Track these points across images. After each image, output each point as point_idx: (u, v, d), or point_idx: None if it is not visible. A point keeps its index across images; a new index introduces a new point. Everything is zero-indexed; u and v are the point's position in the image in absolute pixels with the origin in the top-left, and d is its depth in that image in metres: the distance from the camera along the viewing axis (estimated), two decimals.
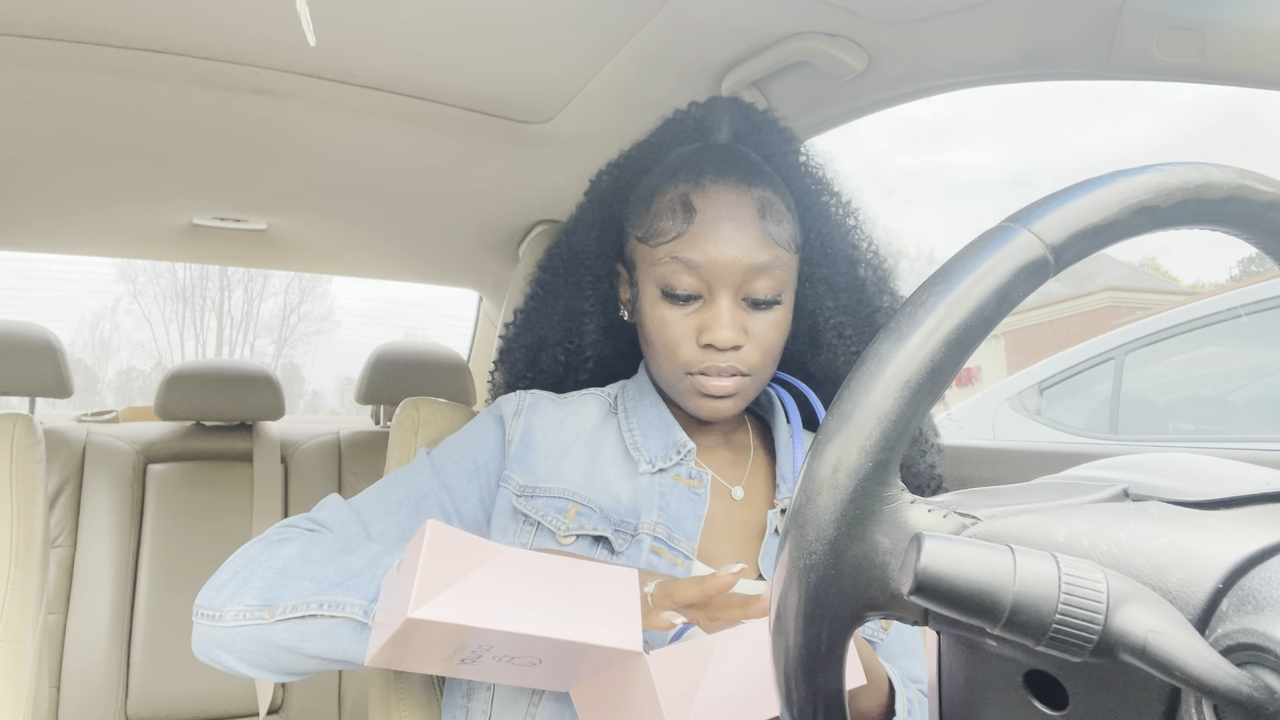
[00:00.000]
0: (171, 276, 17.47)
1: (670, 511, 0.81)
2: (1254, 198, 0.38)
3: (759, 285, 0.81)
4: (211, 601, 0.75)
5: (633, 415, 0.89)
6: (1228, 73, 0.74)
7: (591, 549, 0.80)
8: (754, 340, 0.82)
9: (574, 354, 0.96)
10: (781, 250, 0.82)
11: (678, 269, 0.81)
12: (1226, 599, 0.31)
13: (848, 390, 0.36)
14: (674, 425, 0.88)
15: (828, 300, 0.90)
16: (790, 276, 0.84)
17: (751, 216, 0.81)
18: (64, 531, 1.73)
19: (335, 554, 0.75)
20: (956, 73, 0.98)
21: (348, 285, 28.55)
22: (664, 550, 0.79)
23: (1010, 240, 0.36)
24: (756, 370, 0.83)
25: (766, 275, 0.81)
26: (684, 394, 0.84)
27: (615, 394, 0.94)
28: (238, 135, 1.28)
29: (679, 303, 0.82)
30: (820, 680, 0.35)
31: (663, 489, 0.83)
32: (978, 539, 0.33)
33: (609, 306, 0.95)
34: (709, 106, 0.92)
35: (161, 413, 1.92)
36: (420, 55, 1.08)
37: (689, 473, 0.85)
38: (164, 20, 0.97)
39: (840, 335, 0.90)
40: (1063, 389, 3.17)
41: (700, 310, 0.82)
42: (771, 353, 0.84)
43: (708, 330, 0.80)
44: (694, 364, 0.82)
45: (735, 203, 0.82)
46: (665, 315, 0.83)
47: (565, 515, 0.81)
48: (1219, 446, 1.16)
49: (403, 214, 1.70)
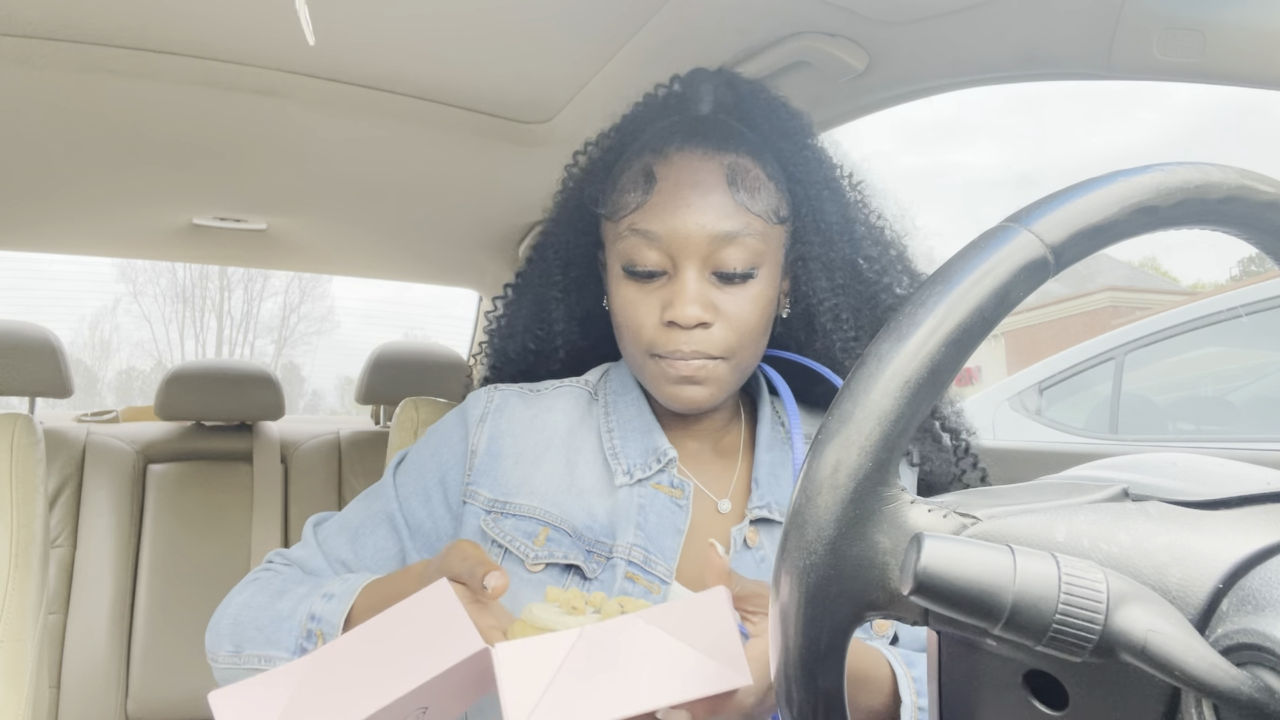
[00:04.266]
0: (171, 276, 17.48)
1: (648, 529, 0.75)
2: (1254, 198, 0.38)
3: (727, 257, 0.73)
4: (207, 646, 0.79)
5: (613, 411, 0.83)
6: (1228, 73, 0.74)
7: (562, 577, 0.75)
8: (725, 319, 0.74)
9: (543, 341, 0.91)
10: (755, 218, 0.74)
11: (638, 242, 0.75)
12: (1226, 599, 0.31)
13: (848, 390, 0.36)
14: (655, 428, 0.81)
15: (822, 280, 0.81)
16: (770, 249, 0.76)
17: (717, 182, 0.74)
18: (64, 531, 1.73)
19: (271, 599, 0.76)
20: (957, 73, 0.98)
21: (348, 285, 28.55)
22: (639, 576, 0.73)
23: (1010, 240, 0.36)
24: (732, 354, 0.75)
25: (736, 245, 0.73)
26: (653, 381, 0.77)
27: (596, 381, 0.87)
28: (238, 135, 1.28)
29: (642, 279, 0.75)
30: (820, 680, 0.35)
31: (642, 502, 0.77)
32: (978, 539, 0.33)
33: (585, 294, 0.89)
34: (690, 79, 0.85)
35: (161, 413, 1.92)
36: (420, 55, 1.08)
37: (671, 481, 0.79)
38: (164, 20, 0.97)
39: (836, 319, 0.82)
40: (1063, 389, 3.17)
41: (665, 287, 0.75)
42: (749, 334, 0.75)
43: (670, 307, 0.73)
44: (658, 345, 0.75)
45: (700, 169, 0.75)
46: (628, 294, 0.76)
47: (535, 541, 0.76)
48: (1219, 446, 1.16)
49: (403, 214, 1.70)
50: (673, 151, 0.76)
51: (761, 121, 0.83)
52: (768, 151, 0.80)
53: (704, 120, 0.81)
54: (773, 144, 0.82)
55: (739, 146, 0.77)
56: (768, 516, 0.79)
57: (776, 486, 0.81)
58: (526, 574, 0.75)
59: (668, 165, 0.76)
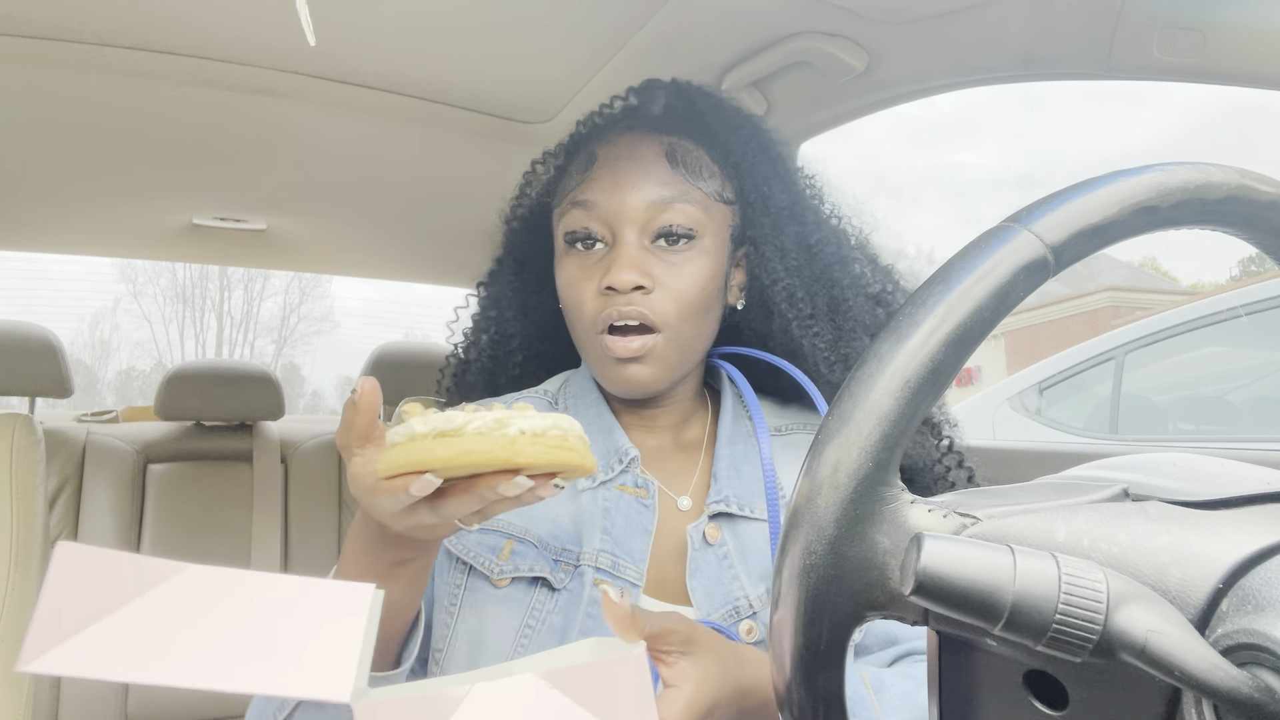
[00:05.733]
0: (171, 276, 17.51)
1: (615, 533, 0.74)
2: (1254, 198, 0.38)
3: (666, 218, 0.74)
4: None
5: (573, 413, 0.82)
6: (1228, 73, 0.74)
7: (529, 591, 0.73)
8: (663, 287, 0.74)
9: (499, 345, 0.90)
10: (694, 189, 0.76)
11: (578, 214, 0.76)
12: (1226, 599, 0.31)
13: (848, 390, 0.36)
14: (615, 428, 0.80)
15: (775, 262, 0.81)
16: (712, 223, 0.77)
17: (656, 156, 0.76)
18: (64, 531, 1.73)
19: None
20: (957, 73, 0.98)
21: (348, 285, 28.57)
22: (607, 582, 0.72)
23: (1010, 240, 0.36)
24: (669, 325, 0.74)
25: (673, 210, 0.74)
26: (598, 365, 0.77)
27: (556, 390, 0.87)
28: (238, 135, 1.28)
29: (582, 250, 0.76)
30: (820, 680, 0.35)
31: (607, 504, 0.75)
32: (978, 539, 0.33)
33: (542, 295, 0.88)
34: (644, 89, 0.85)
35: (161, 413, 1.92)
36: (420, 55, 1.08)
37: (635, 481, 0.77)
38: (164, 20, 0.97)
39: (791, 300, 0.80)
40: (1063, 389, 3.17)
41: (605, 257, 0.76)
42: (688, 306, 0.75)
43: (608, 275, 0.73)
44: (599, 316, 0.74)
45: (640, 144, 0.77)
46: (571, 272, 0.77)
47: (499, 555, 0.74)
48: (1219, 446, 1.16)
49: (403, 214, 1.70)
50: (616, 135, 0.78)
51: (712, 119, 0.84)
52: (714, 140, 0.81)
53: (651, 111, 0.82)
54: (720, 136, 0.82)
55: (681, 131, 0.79)
56: (726, 510, 0.77)
57: (737, 480, 0.79)
58: (493, 589, 0.73)
59: (609, 146, 0.78)
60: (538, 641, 0.71)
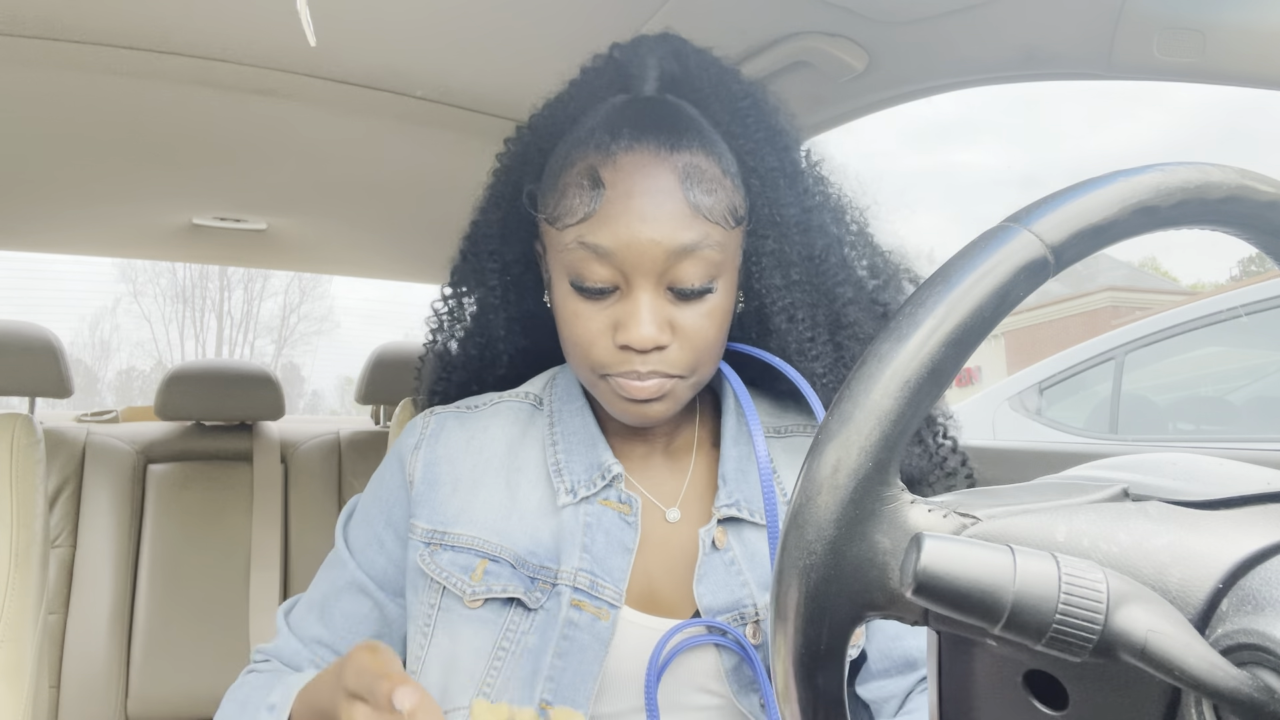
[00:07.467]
0: (171, 276, 17.51)
1: (595, 551, 0.71)
2: (1254, 198, 0.38)
3: (685, 272, 0.67)
4: None
5: (558, 422, 0.78)
6: (1228, 73, 0.74)
7: (503, 612, 0.70)
8: (682, 337, 0.69)
9: (485, 348, 0.85)
10: (713, 226, 0.68)
11: (586, 257, 0.67)
12: (1226, 599, 0.31)
13: (848, 390, 0.36)
14: (599, 441, 0.76)
15: (776, 278, 0.75)
16: (728, 257, 0.70)
17: (672, 187, 0.67)
18: (64, 531, 1.73)
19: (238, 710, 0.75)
20: (957, 72, 0.98)
21: (348, 285, 28.56)
22: (585, 603, 0.69)
23: (1010, 240, 0.36)
24: (692, 371, 0.70)
25: (694, 259, 0.67)
26: (604, 398, 0.72)
27: (540, 391, 0.82)
28: (238, 135, 1.28)
29: (591, 296, 0.69)
30: (820, 680, 0.35)
31: (588, 520, 0.72)
32: (978, 539, 0.33)
33: (524, 294, 0.83)
34: (633, 48, 0.77)
35: (161, 413, 1.92)
36: (420, 55, 1.08)
37: (619, 496, 0.74)
38: (164, 20, 0.97)
39: (791, 319, 0.75)
40: (1063, 389, 3.18)
41: (616, 303, 0.68)
42: (707, 349, 0.70)
43: (624, 328, 0.67)
44: (610, 366, 0.69)
45: (652, 172, 0.67)
46: (577, 309, 0.69)
47: (472, 575, 0.71)
48: (1219, 446, 1.16)
49: (403, 214, 1.70)
50: (620, 152, 0.68)
51: (713, 100, 0.76)
52: (721, 139, 0.73)
53: (654, 108, 0.72)
54: (726, 127, 0.75)
55: (692, 141, 0.69)
56: (736, 515, 0.74)
57: (745, 483, 0.76)
58: (466, 610, 0.71)
59: (615, 169, 0.67)
60: (512, 663, 0.70)
